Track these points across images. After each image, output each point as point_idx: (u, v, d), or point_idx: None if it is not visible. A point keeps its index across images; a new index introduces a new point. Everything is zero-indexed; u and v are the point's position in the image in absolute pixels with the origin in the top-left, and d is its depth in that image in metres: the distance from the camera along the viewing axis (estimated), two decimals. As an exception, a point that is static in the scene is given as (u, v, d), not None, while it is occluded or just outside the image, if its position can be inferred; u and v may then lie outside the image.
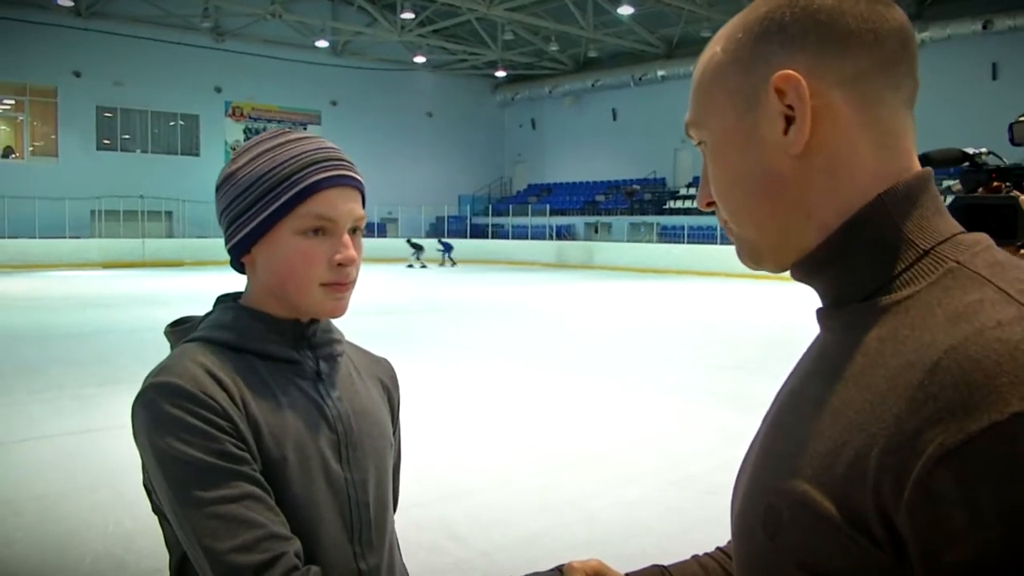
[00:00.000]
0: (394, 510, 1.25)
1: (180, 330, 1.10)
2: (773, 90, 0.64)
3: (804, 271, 0.68)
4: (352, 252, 1.06)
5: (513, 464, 5.22)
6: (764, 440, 0.69)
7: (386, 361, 1.28)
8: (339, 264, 1.05)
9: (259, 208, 1.03)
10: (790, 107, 0.63)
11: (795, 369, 0.72)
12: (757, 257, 0.71)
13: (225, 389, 0.97)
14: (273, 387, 1.03)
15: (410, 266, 28.40)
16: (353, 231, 1.09)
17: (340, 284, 1.06)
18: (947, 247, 0.62)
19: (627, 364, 8.90)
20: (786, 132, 0.64)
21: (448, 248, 30.08)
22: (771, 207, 0.67)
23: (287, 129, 1.11)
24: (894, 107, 0.65)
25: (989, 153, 3.04)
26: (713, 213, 0.74)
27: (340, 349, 1.15)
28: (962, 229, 0.64)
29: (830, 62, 0.63)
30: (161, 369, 0.99)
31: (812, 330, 0.70)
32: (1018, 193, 2.82)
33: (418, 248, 28.90)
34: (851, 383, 0.60)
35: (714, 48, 0.70)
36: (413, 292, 18.81)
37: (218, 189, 1.09)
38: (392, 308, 14.81)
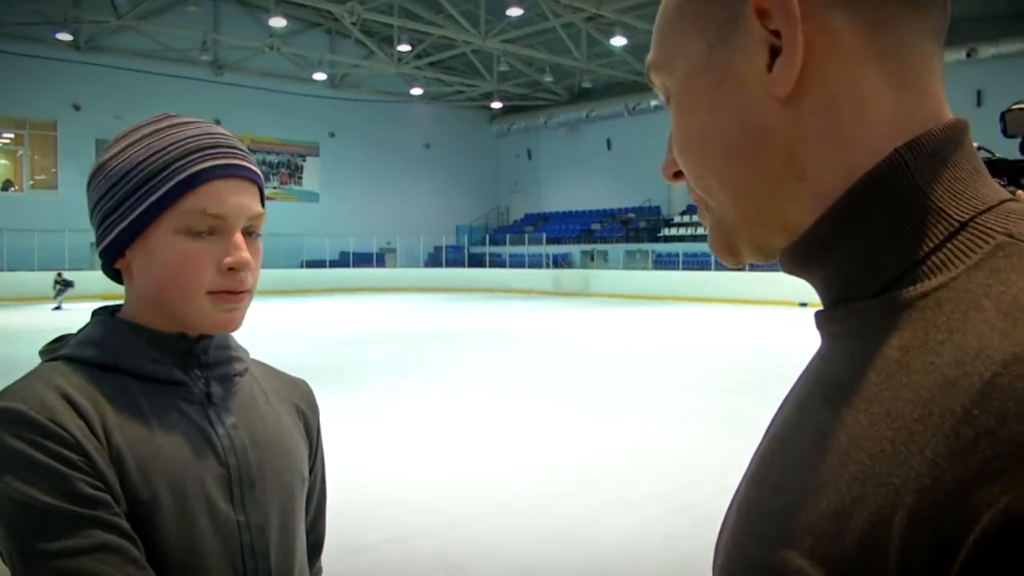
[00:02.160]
0: (319, 553, 1.10)
1: (54, 348, 0.94)
2: (753, 10, 0.47)
3: (797, 258, 0.51)
4: (245, 254, 0.89)
5: (511, 492, 5.18)
6: (749, 488, 0.51)
7: (303, 382, 1.11)
8: (230, 268, 0.89)
9: (133, 203, 0.88)
10: (776, 33, 0.47)
11: (791, 392, 0.53)
12: (732, 243, 0.54)
13: (82, 415, 0.81)
14: (147, 413, 0.87)
15: (57, 308, 21.73)
16: (248, 233, 0.92)
17: (231, 293, 0.90)
18: (992, 217, 0.45)
19: (625, 390, 8.93)
20: (771, 68, 0.47)
21: (66, 287, 22.59)
22: (750, 168, 0.50)
23: (172, 113, 0.96)
24: (916, 34, 0.48)
25: (980, 148, 3.06)
26: (688, 193, 0.57)
27: (240, 368, 0.98)
28: (1010, 195, 0.47)
29: None
30: (6, 392, 0.83)
31: (806, 353, 0.55)
32: (1020, 193, 2.83)
33: (67, 285, 22.57)
34: (863, 412, 0.42)
35: None
36: (411, 321, 18.82)
37: (89, 183, 0.93)
38: (392, 336, 14.85)
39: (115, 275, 0.95)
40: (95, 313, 0.96)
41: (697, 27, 0.51)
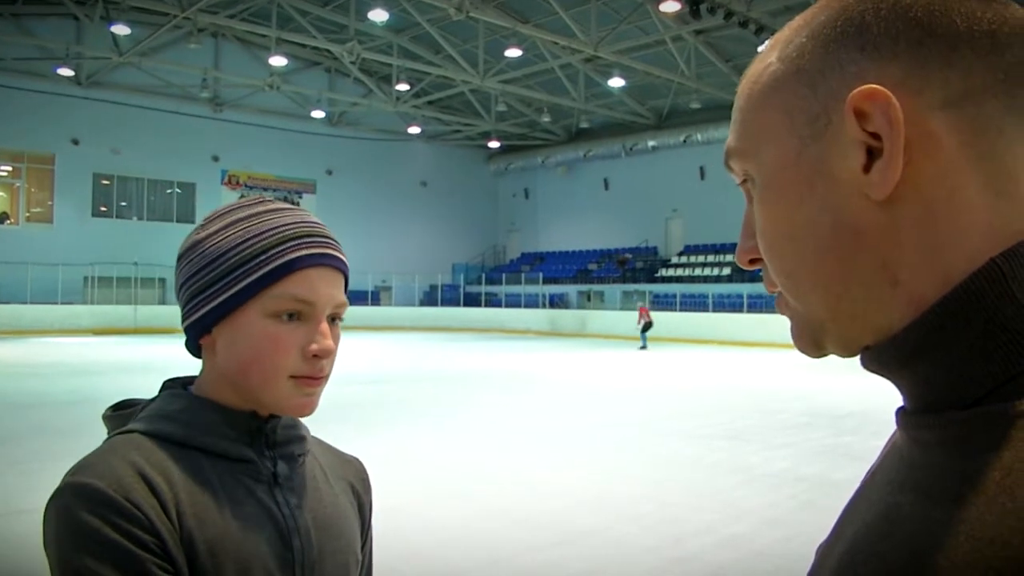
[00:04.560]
0: None
1: (121, 416, 0.95)
2: (851, 111, 0.47)
3: (883, 361, 0.50)
4: (330, 342, 0.92)
5: (505, 542, 5.02)
6: None
7: (358, 461, 1.13)
8: (314, 355, 0.91)
9: (227, 284, 0.91)
10: (875, 135, 0.46)
11: (868, 489, 0.53)
12: (818, 339, 0.53)
13: (157, 495, 0.83)
14: (219, 492, 0.89)
15: None
16: (332, 319, 0.95)
17: (312, 378, 0.92)
18: None
19: (622, 434, 8.83)
20: (867, 169, 0.47)
21: None
22: (842, 268, 0.49)
23: (267, 198, 0.99)
24: (1015, 139, 0.47)
25: None
26: (759, 273, 0.56)
27: (305, 448, 1.00)
28: None
29: (931, 75, 0.46)
30: (82, 466, 0.83)
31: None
32: None
33: None
34: (964, 535, 0.40)
35: (767, 58, 0.53)
36: (406, 361, 18.76)
37: (180, 258, 0.97)
38: (386, 377, 14.76)
39: (195, 349, 0.97)
40: (165, 385, 0.97)
41: (787, 118, 0.50)
